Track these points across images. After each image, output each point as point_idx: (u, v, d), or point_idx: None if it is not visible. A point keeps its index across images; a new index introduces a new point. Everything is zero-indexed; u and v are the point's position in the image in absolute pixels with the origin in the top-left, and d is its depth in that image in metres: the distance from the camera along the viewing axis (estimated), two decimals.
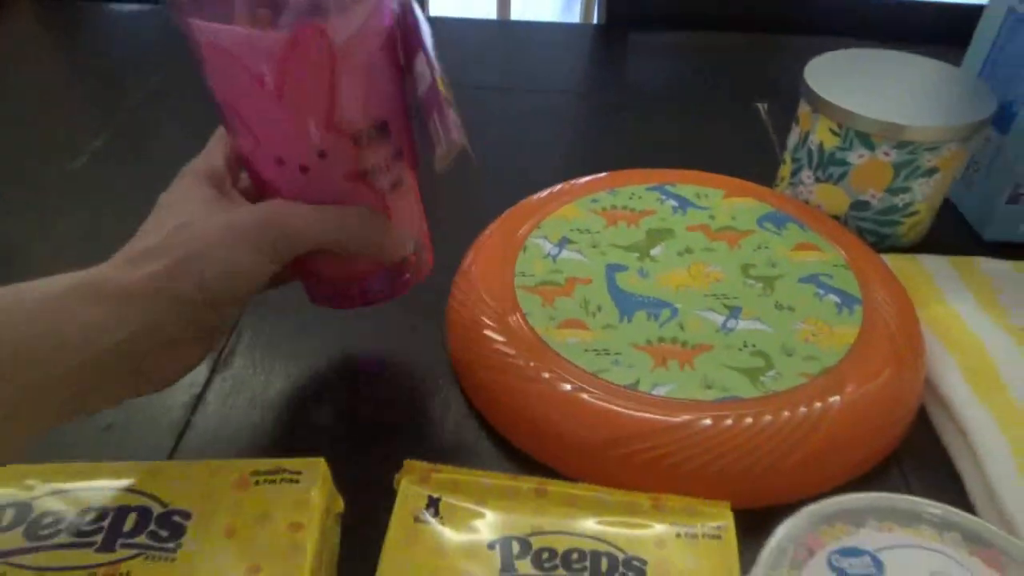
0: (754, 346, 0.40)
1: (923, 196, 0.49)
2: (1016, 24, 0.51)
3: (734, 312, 0.42)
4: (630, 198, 0.51)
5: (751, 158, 0.60)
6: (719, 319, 0.42)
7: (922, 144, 0.47)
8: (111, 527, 0.30)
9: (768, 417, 0.36)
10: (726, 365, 0.39)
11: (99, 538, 0.30)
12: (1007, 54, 0.52)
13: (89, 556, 0.29)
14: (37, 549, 0.29)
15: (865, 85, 0.50)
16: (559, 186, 0.52)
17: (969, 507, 0.37)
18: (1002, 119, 0.52)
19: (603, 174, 0.53)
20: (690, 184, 0.52)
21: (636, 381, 0.38)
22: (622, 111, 0.70)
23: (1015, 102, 0.50)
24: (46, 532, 0.30)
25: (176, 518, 0.30)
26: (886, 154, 0.48)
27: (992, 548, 0.29)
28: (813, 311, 0.42)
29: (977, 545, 0.29)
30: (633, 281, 0.44)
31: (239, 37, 0.29)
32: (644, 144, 0.65)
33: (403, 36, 0.33)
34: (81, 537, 0.30)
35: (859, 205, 0.50)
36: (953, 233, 0.55)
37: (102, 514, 0.30)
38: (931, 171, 0.48)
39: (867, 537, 0.29)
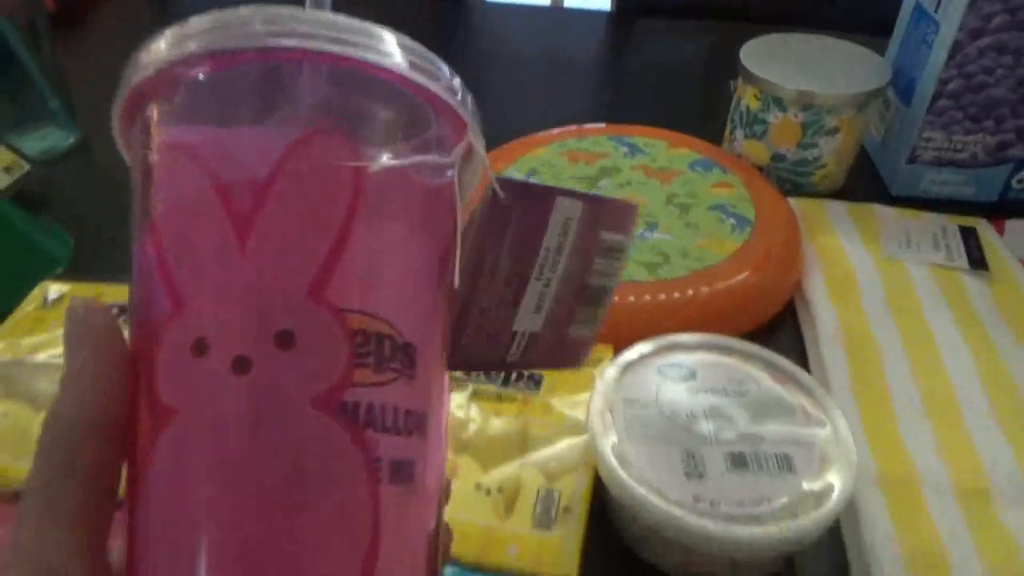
0: (660, 250, 0.52)
1: (829, 152, 0.61)
2: (919, 16, 0.61)
3: (651, 227, 0.54)
4: (592, 144, 0.63)
5: (712, 123, 0.72)
6: (638, 231, 0.54)
7: (823, 107, 0.58)
8: None
9: (646, 296, 0.48)
10: (633, 260, 0.51)
11: None
12: (913, 39, 0.62)
13: None
14: None
15: (786, 62, 0.61)
16: (538, 134, 0.65)
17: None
18: (907, 92, 0.62)
19: (575, 126, 0.66)
20: (642, 136, 0.64)
21: None
22: (622, 81, 0.82)
23: (916, 79, 0.61)
24: None
25: None
26: (796, 115, 0.59)
27: (780, 370, 0.41)
28: (713, 229, 0.54)
29: (772, 369, 0.41)
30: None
31: (215, 134, 0.18)
32: (632, 107, 0.77)
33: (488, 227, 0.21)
34: None
35: (777, 158, 0.62)
36: (867, 188, 0.65)
37: None
38: (834, 130, 0.59)
39: (690, 358, 0.41)
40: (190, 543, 0.16)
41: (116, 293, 0.47)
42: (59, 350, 0.43)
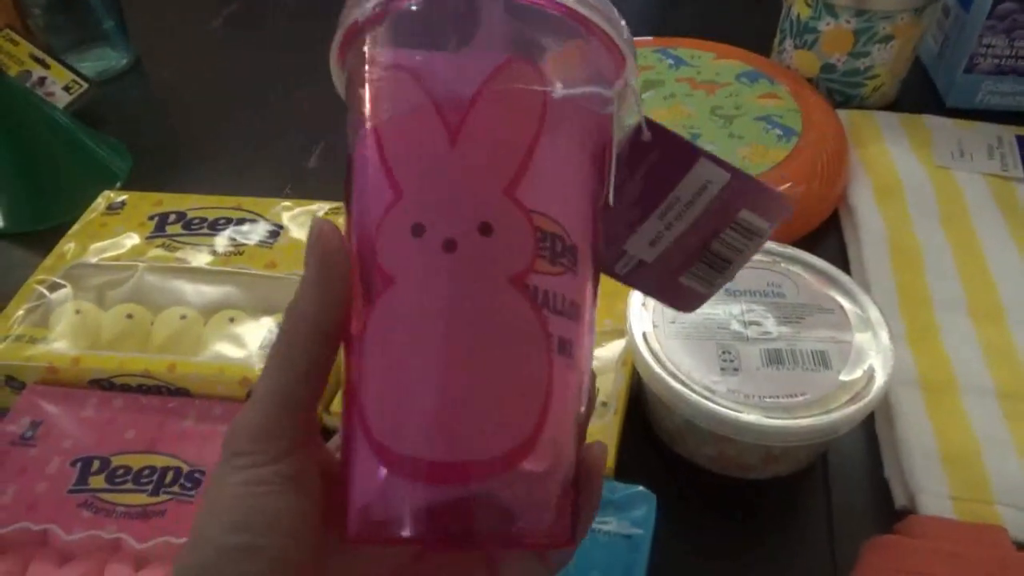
0: None
1: (882, 61, 0.59)
2: None
3: (693, 137, 0.54)
4: (637, 57, 0.62)
5: (763, 34, 0.70)
6: None
7: (877, 13, 0.56)
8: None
9: None
10: None
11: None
12: None
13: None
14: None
15: None
16: None
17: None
18: None
19: None
20: (688, 48, 0.63)
21: None
22: None
23: None
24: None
25: None
26: (848, 22, 0.57)
27: (820, 272, 0.41)
28: (758, 139, 0.53)
29: (812, 271, 0.41)
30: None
31: (432, 58, 0.21)
32: (682, 19, 0.76)
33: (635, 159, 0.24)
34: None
35: (827, 68, 0.60)
36: (921, 101, 0.63)
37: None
38: (887, 38, 0.57)
39: None
40: (404, 386, 0.20)
41: (173, 201, 0.49)
42: (120, 252, 0.45)
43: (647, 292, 0.29)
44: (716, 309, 0.39)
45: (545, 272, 0.20)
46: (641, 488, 0.36)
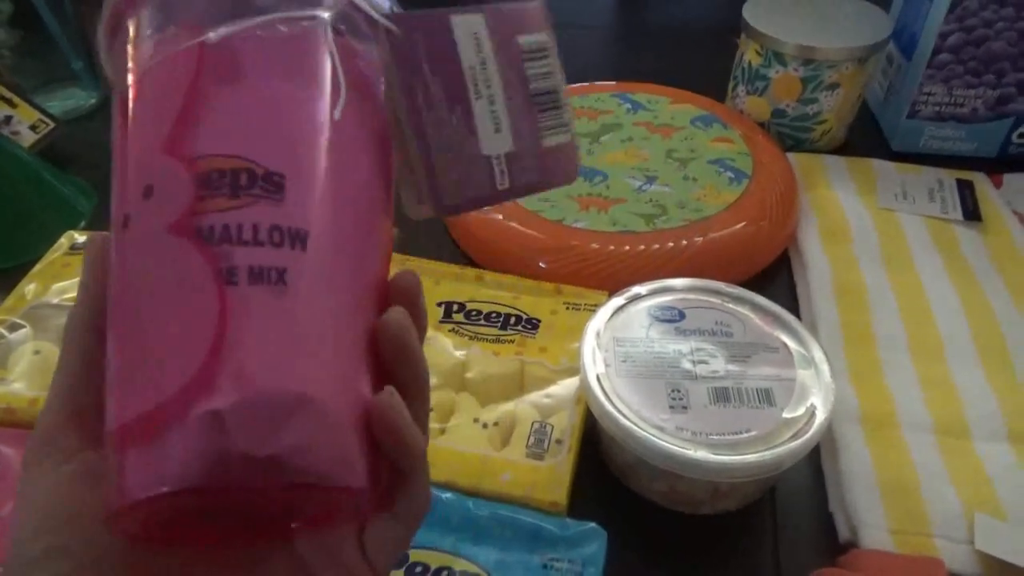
0: (657, 202, 0.54)
1: (829, 107, 0.61)
2: None
3: (650, 179, 0.56)
4: (596, 101, 0.64)
5: (717, 80, 0.72)
6: (637, 183, 0.55)
7: (824, 62, 0.59)
8: None
9: (641, 246, 0.50)
10: (632, 212, 0.53)
11: None
12: None
13: None
14: None
15: (789, 17, 0.62)
16: None
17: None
18: (909, 47, 0.63)
19: (581, 84, 0.67)
20: (645, 93, 0.65)
21: (562, 218, 0.52)
22: (631, 41, 0.83)
23: (917, 33, 0.61)
24: None
25: None
26: (796, 70, 0.60)
27: (766, 312, 0.42)
28: (710, 181, 0.55)
29: (759, 311, 0.43)
30: (581, 157, 0.58)
31: (138, 53, 0.23)
32: (642, 65, 0.78)
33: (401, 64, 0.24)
34: None
35: (778, 113, 0.63)
36: (868, 144, 0.66)
37: None
38: (833, 85, 0.60)
39: (680, 301, 0.43)
40: (108, 361, 0.21)
41: None
42: None
43: (537, 186, 0.27)
44: (667, 348, 0.40)
45: (224, 208, 0.20)
46: (592, 525, 0.37)
